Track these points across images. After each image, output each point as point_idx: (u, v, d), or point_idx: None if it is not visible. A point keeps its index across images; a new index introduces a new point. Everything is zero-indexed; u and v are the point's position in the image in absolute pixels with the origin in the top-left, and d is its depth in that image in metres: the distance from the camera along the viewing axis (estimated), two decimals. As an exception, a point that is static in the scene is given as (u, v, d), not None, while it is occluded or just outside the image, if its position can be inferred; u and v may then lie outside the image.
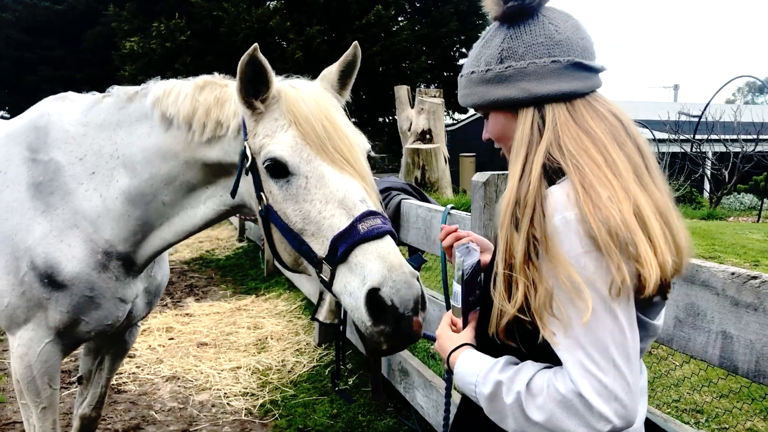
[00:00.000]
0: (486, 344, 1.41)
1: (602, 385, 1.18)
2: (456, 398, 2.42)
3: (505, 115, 1.39)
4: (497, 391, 1.28)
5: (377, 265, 1.68)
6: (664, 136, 20.52)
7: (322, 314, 4.91)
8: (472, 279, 1.48)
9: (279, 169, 1.87)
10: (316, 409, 4.42)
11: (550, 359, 1.27)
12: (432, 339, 2.42)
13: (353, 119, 2.06)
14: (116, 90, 2.39)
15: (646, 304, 1.31)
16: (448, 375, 1.95)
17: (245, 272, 8.98)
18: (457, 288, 1.49)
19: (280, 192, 1.88)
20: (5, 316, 2.37)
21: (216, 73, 2.21)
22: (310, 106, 1.89)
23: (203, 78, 2.19)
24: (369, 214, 1.77)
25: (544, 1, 1.36)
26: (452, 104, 26.27)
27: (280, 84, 1.98)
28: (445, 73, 24.86)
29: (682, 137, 16.57)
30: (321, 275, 1.82)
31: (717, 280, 1.72)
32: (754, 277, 1.63)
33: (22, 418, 2.61)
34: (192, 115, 2.11)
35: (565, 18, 1.36)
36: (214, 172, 2.17)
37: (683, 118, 20.06)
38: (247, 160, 1.95)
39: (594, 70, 1.35)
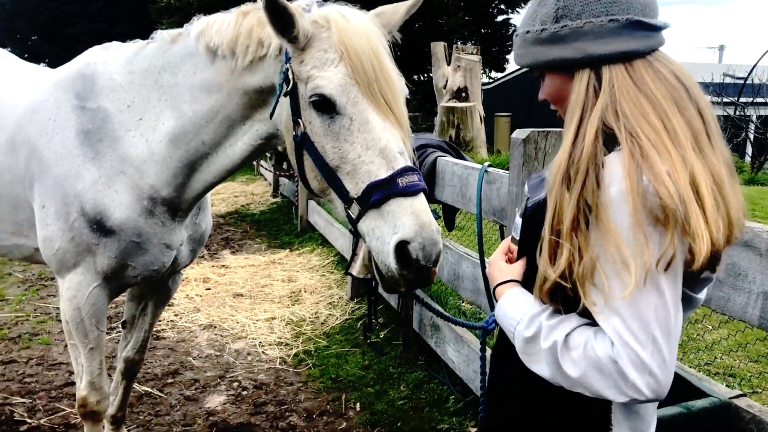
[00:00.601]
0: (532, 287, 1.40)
1: (639, 359, 1.17)
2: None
3: (561, 77, 1.35)
4: (537, 335, 1.29)
5: (410, 220, 1.76)
6: (707, 99, 19.90)
7: (356, 269, 4.96)
8: (534, 216, 1.43)
9: (325, 105, 1.88)
10: (348, 360, 4.52)
11: (594, 321, 1.26)
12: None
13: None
14: (159, 34, 2.41)
15: (695, 278, 1.28)
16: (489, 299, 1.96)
17: (279, 227, 9.10)
18: (517, 220, 1.50)
19: (321, 126, 1.90)
20: (56, 259, 2.46)
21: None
22: (361, 43, 1.87)
23: (246, 5, 2.18)
24: (408, 169, 1.82)
25: None
26: (489, 62, 25.82)
27: (329, 10, 1.96)
28: (482, 30, 24.39)
29: (725, 100, 16.08)
30: (348, 211, 1.89)
31: (761, 240, 1.71)
32: (799, 238, 1.61)
33: (71, 357, 2.72)
34: (235, 39, 2.10)
35: None
36: (253, 103, 2.17)
37: (728, 80, 19.44)
38: (287, 84, 1.95)
39: (655, 28, 1.30)
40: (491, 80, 28.08)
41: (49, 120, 2.44)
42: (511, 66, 27.27)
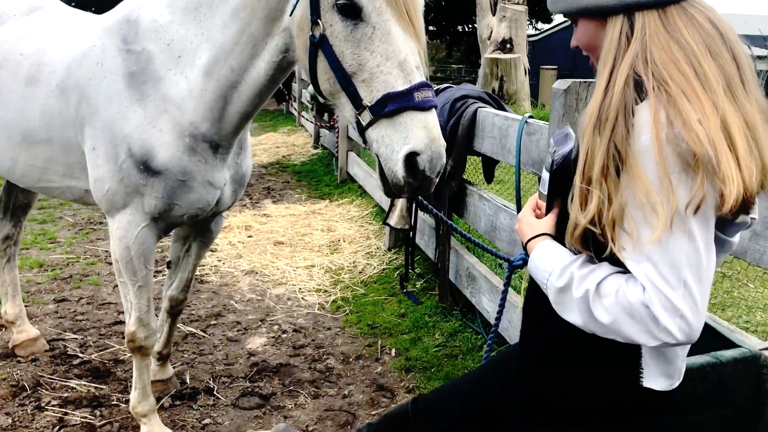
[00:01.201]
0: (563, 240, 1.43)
1: (670, 303, 1.19)
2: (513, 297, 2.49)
3: (595, 23, 1.35)
4: (569, 284, 1.32)
5: (422, 133, 1.84)
6: (764, 52, 19.09)
7: (393, 219, 5.03)
8: (561, 169, 1.45)
9: (350, 10, 1.90)
10: (384, 308, 4.62)
11: (624, 267, 1.28)
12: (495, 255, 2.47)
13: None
14: None
15: (727, 221, 1.29)
16: (522, 259, 1.99)
17: (319, 178, 9.19)
18: (545, 175, 1.51)
19: (343, 31, 1.92)
20: (106, 200, 2.56)
21: None
22: None
23: None
24: (424, 85, 1.88)
25: None
26: (535, 13, 25.12)
27: None
28: (529, -20, 23.66)
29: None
30: (359, 117, 1.93)
31: (800, 193, 1.68)
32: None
33: (120, 295, 2.86)
34: None
35: None
36: (273, 14, 2.19)
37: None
38: None
39: None
40: (537, 32, 27.38)
41: (97, 64, 2.51)
42: (559, 17, 26.48)
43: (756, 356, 1.81)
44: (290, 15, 2.11)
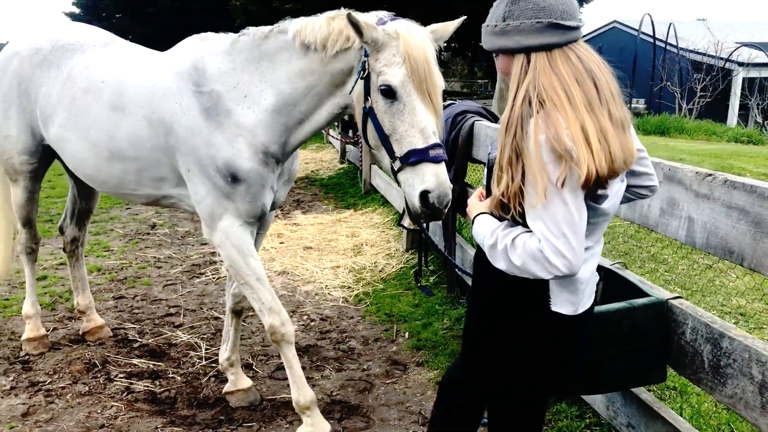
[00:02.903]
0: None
1: (555, 247, 1.75)
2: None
3: (507, 58, 1.93)
4: (496, 242, 1.91)
5: (432, 178, 2.53)
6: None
7: (407, 220, 5.63)
8: (493, 165, 2.01)
9: (389, 93, 2.60)
10: (401, 300, 5.22)
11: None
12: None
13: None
14: (251, 30, 3.10)
15: (593, 194, 1.84)
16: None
17: (345, 190, 9.85)
18: (485, 172, 2.12)
19: (383, 106, 2.63)
20: (207, 212, 3.15)
21: (342, 8, 2.87)
22: (418, 52, 2.57)
23: (331, 12, 2.88)
24: (437, 145, 2.57)
25: None
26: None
27: (397, 25, 2.64)
28: None
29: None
30: (392, 164, 2.64)
31: (687, 177, 2.25)
32: (710, 175, 2.16)
33: (248, 299, 3.25)
34: (327, 37, 2.82)
35: None
36: (336, 81, 2.89)
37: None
38: (364, 72, 2.68)
39: (571, 28, 1.84)
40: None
41: (176, 104, 3.13)
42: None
43: (662, 302, 2.38)
44: (350, 92, 2.83)
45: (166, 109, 3.17)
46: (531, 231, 1.84)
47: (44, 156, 3.95)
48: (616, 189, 1.90)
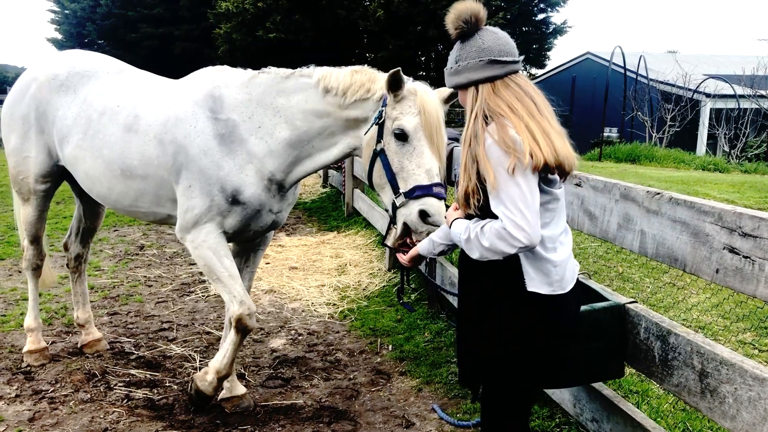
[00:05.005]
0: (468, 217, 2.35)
1: (514, 222, 2.08)
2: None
3: (463, 91, 2.33)
4: (469, 235, 2.24)
5: (435, 204, 2.91)
6: (749, 91, 20.12)
7: (390, 240, 5.92)
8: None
9: (402, 136, 2.98)
10: (384, 316, 5.50)
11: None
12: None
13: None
14: (273, 70, 3.44)
15: (545, 179, 2.20)
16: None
17: (328, 213, 10.14)
18: (456, 188, 2.45)
19: (395, 147, 3.01)
20: (192, 219, 3.44)
21: (366, 65, 3.29)
22: (431, 108, 2.97)
23: (355, 66, 3.28)
24: (439, 184, 2.97)
25: (476, 30, 2.25)
26: (530, 59, 26.31)
27: (416, 84, 3.05)
28: (523, 28, 25.00)
29: (761, 93, 16.41)
30: (395, 199, 2.98)
31: (639, 195, 2.59)
32: (658, 193, 2.50)
33: (221, 293, 3.57)
34: (348, 86, 3.19)
35: (490, 33, 2.26)
36: (350, 125, 3.25)
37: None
38: (380, 118, 3.05)
39: (508, 63, 2.24)
40: (532, 77, 28.71)
41: (191, 127, 3.42)
42: (552, 62, 27.86)
43: (620, 305, 2.70)
44: (364, 134, 3.18)
45: (180, 132, 3.45)
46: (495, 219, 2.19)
47: (57, 176, 4.21)
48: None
